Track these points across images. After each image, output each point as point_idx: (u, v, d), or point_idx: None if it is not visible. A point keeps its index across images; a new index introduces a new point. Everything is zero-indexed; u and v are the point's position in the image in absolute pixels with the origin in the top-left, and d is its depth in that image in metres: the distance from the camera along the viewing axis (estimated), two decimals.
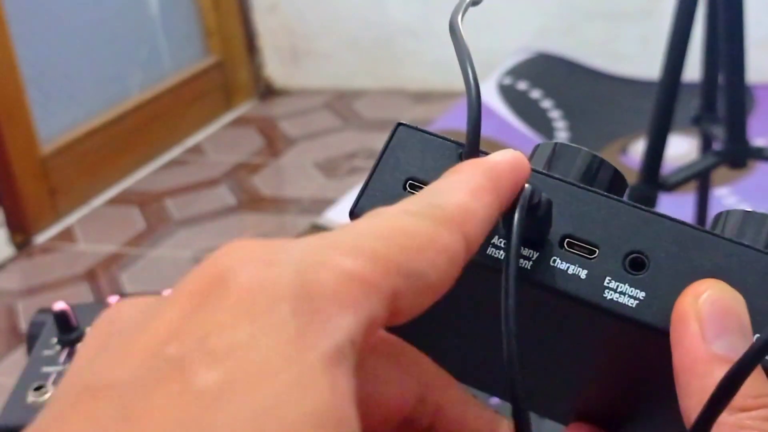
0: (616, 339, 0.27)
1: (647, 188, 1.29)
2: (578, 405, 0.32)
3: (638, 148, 2.04)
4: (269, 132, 2.71)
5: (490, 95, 2.47)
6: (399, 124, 0.29)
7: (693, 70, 1.37)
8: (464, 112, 0.27)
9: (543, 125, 2.37)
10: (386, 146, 0.28)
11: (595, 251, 0.27)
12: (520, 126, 2.36)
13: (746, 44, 1.27)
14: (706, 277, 0.26)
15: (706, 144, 1.45)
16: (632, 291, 0.26)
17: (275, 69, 2.98)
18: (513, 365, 0.24)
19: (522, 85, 2.52)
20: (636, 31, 2.58)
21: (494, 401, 0.59)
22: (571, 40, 2.65)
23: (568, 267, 0.26)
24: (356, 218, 0.28)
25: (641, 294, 0.26)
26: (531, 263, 0.27)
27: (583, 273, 0.26)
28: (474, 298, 0.27)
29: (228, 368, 0.19)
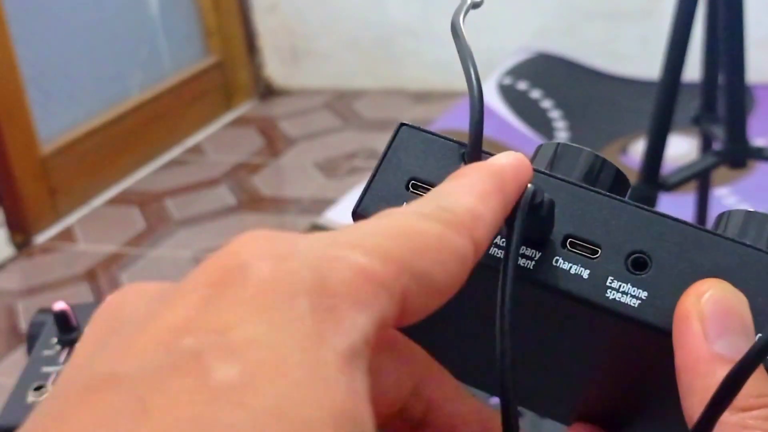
0: (619, 339, 0.27)
1: (647, 188, 1.29)
2: (580, 405, 0.32)
3: (638, 148, 2.04)
4: (269, 132, 2.70)
5: (490, 95, 2.47)
6: (401, 125, 0.29)
7: (693, 70, 1.37)
8: (465, 112, 0.27)
9: (543, 125, 2.37)
10: (389, 146, 0.28)
11: (598, 251, 0.27)
12: (520, 126, 2.36)
13: (746, 44, 1.27)
14: (709, 277, 0.26)
15: (706, 144, 1.45)
16: (634, 291, 0.26)
17: (275, 69, 2.98)
18: (505, 355, 0.24)
19: (522, 85, 2.52)
20: (636, 31, 2.58)
21: (494, 401, 0.60)
22: (571, 40, 2.65)
23: (571, 267, 0.26)
24: (359, 218, 0.28)
25: (643, 294, 0.26)
26: (533, 263, 0.27)
27: (586, 273, 0.26)
28: (475, 298, 0.27)
29: (246, 364, 0.18)
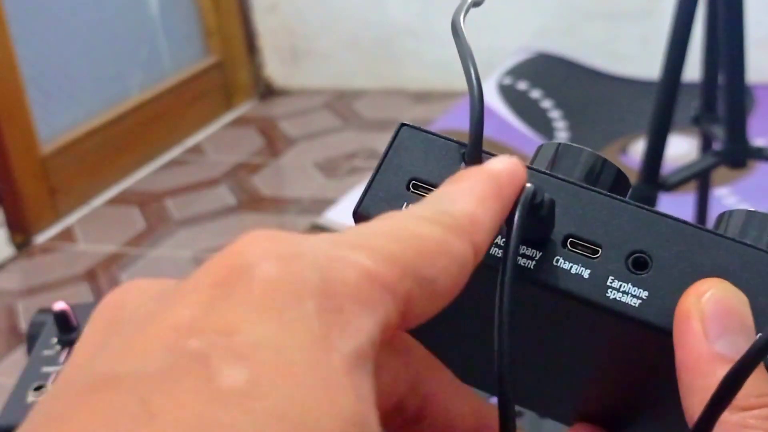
0: (619, 339, 0.27)
1: (647, 188, 1.29)
2: (581, 405, 0.32)
3: (638, 148, 2.04)
4: (269, 132, 2.70)
5: (490, 95, 2.47)
6: (402, 125, 0.29)
7: (693, 70, 1.37)
8: (465, 112, 0.27)
9: (543, 125, 2.37)
10: (389, 146, 0.28)
11: (598, 251, 0.27)
12: (520, 126, 2.35)
13: (746, 44, 1.27)
14: (709, 277, 0.26)
15: (706, 144, 1.45)
16: (635, 290, 0.26)
17: (275, 69, 2.98)
18: (503, 356, 0.24)
19: (522, 85, 2.52)
20: (636, 31, 2.58)
21: (494, 401, 0.59)
22: (571, 40, 2.65)
23: (571, 266, 0.26)
24: (360, 218, 0.28)
25: (644, 293, 0.26)
26: (534, 263, 0.27)
27: (586, 272, 0.26)
28: (475, 298, 0.27)
29: (253, 367, 0.18)
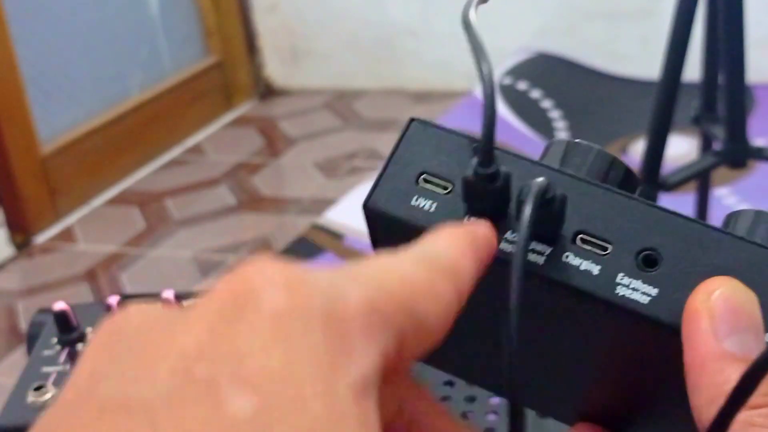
0: (627, 336, 0.27)
1: (647, 188, 1.29)
2: (583, 405, 0.32)
3: (638, 148, 2.04)
4: (269, 132, 2.70)
5: None
6: (412, 119, 0.29)
7: (693, 70, 1.37)
8: (465, 112, 0.27)
9: (543, 125, 2.37)
10: (399, 141, 0.29)
11: (608, 247, 0.27)
12: (520, 126, 2.36)
13: (746, 44, 1.27)
14: (719, 275, 0.26)
15: (706, 144, 1.45)
16: (644, 287, 0.26)
17: (275, 69, 2.98)
18: (512, 342, 0.24)
19: (522, 85, 2.52)
20: (636, 31, 2.58)
21: (495, 401, 0.59)
22: (571, 40, 2.65)
23: (581, 263, 0.27)
24: (369, 211, 0.28)
25: (653, 291, 0.26)
26: (544, 258, 0.27)
27: (596, 269, 0.26)
28: (481, 293, 0.27)
29: (261, 396, 0.18)
